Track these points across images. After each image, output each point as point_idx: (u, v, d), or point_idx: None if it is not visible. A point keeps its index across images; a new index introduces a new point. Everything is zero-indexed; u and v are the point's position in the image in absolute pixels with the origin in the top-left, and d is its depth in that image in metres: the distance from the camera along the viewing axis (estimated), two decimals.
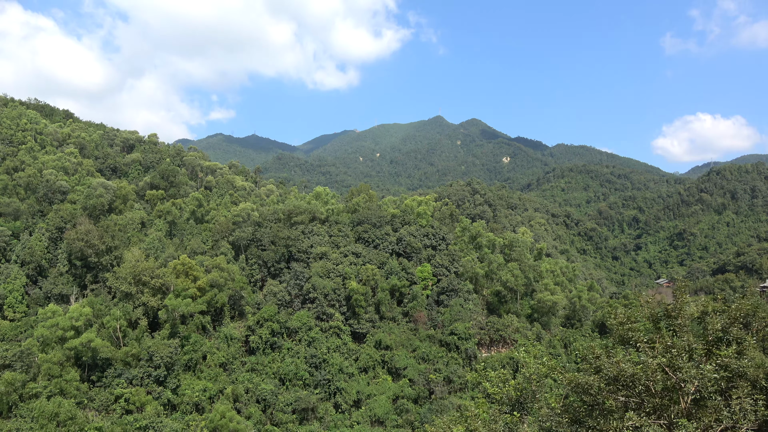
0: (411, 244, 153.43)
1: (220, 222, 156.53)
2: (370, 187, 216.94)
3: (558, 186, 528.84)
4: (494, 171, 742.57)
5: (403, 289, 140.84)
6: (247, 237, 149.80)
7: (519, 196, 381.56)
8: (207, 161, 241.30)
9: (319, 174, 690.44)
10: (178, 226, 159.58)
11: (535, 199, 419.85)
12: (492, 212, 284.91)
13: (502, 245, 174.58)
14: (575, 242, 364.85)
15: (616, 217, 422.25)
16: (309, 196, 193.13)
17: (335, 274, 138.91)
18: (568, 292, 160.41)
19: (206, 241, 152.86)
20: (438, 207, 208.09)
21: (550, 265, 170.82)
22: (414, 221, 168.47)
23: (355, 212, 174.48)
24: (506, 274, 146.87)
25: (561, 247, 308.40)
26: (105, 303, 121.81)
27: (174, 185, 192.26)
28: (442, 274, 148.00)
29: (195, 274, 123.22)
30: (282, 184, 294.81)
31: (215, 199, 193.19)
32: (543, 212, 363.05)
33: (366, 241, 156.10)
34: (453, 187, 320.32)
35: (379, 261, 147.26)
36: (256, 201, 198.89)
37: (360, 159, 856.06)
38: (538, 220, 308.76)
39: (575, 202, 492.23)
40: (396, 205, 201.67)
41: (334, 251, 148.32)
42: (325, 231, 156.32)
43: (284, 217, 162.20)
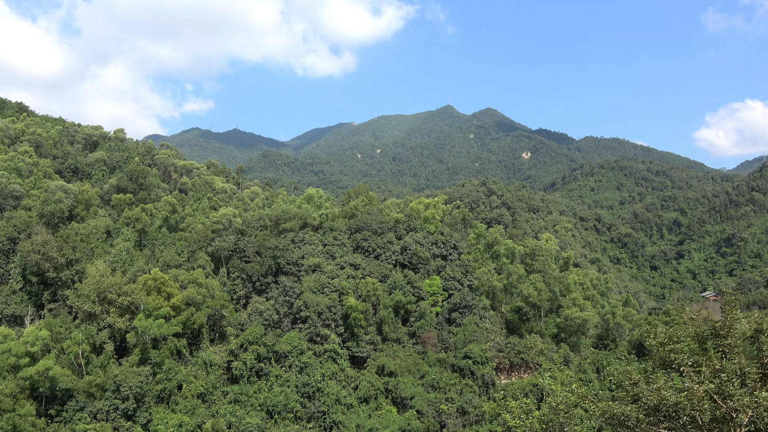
0: (417, 253, 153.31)
1: (197, 230, 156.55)
2: (370, 188, 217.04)
3: (587, 185, 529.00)
4: (513, 168, 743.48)
5: (408, 306, 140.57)
6: (228, 247, 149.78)
7: (542, 197, 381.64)
8: (182, 160, 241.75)
9: (311, 173, 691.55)
10: (148, 236, 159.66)
11: (561, 200, 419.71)
12: (511, 216, 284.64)
13: (522, 254, 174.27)
14: (607, 250, 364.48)
15: (655, 221, 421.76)
16: (299, 200, 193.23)
17: (330, 289, 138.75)
18: (599, 308, 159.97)
19: (181, 253, 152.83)
20: (448, 210, 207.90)
21: (579, 276, 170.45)
22: (421, 227, 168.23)
23: (352, 217, 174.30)
24: (528, 288, 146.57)
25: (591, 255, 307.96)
26: (65, 325, 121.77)
27: (144, 188, 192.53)
28: (454, 288, 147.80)
29: (168, 291, 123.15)
30: (268, 186, 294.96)
31: (191, 203, 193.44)
32: (570, 215, 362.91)
33: (366, 250, 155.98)
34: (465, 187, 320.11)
35: (380, 274, 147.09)
36: (239, 205, 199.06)
37: (358, 156, 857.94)
38: (564, 225, 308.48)
39: (607, 204, 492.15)
40: (400, 208, 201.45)
41: (328, 263, 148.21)
42: (318, 239, 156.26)
43: (271, 224, 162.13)
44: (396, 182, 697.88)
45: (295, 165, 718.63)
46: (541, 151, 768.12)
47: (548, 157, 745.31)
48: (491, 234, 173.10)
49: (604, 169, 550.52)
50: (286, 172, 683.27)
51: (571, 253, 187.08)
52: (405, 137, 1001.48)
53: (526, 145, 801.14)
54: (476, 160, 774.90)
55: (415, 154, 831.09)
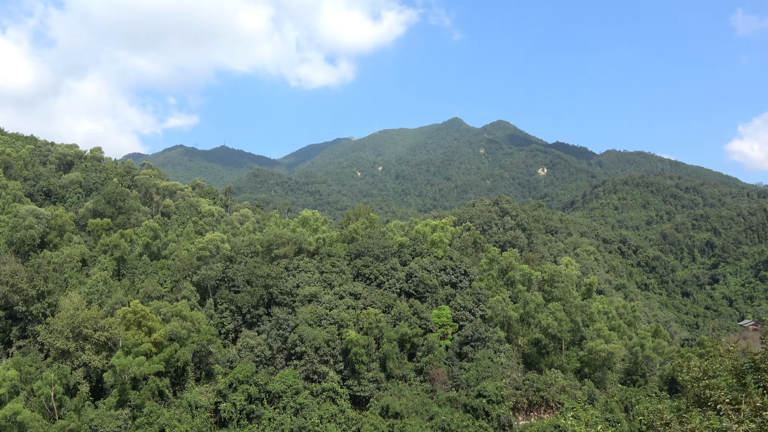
0: (424, 281, 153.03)
1: (181, 257, 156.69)
2: (371, 210, 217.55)
3: (610, 203, 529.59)
4: (528, 186, 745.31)
5: (415, 340, 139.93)
6: (215, 276, 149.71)
7: (560, 216, 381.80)
8: (164, 181, 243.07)
9: (306, 194, 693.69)
10: (128, 264, 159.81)
11: (581, 220, 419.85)
12: (527, 238, 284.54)
13: (540, 280, 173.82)
14: (634, 275, 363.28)
15: (685, 242, 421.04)
16: (294, 223, 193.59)
17: (329, 321, 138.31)
18: (627, 340, 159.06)
19: (164, 283, 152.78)
20: (458, 233, 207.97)
21: (603, 304, 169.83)
22: (427, 252, 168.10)
23: (352, 242, 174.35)
24: (547, 318, 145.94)
25: (616, 281, 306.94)
26: (35, 364, 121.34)
27: (123, 212, 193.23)
28: (465, 318, 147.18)
29: (150, 325, 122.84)
30: (259, 208, 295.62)
31: (175, 228, 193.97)
32: (592, 237, 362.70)
33: (367, 278, 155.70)
34: (476, 207, 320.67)
35: (384, 303, 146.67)
36: (227, 230, 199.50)
37: (357, 174, 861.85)
38: (585, 248, 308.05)
39: (632, 224, 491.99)
40: (404, 231, 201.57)
41: (326, 292, 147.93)
42: (314, 266, 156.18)
43: (263, 250, 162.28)
44: (400, 202, 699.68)
45: (288, 185, 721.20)
46: (558, 166, 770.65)
47: (566, 173, 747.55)
48: (505, 258, 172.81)
49: (629, 185, 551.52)
50: (279, 193, 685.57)
51: (594, 279, 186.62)
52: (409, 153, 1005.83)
53: (542, 160, 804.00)
54: (487, 178, 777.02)
55: (420, 172, 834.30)
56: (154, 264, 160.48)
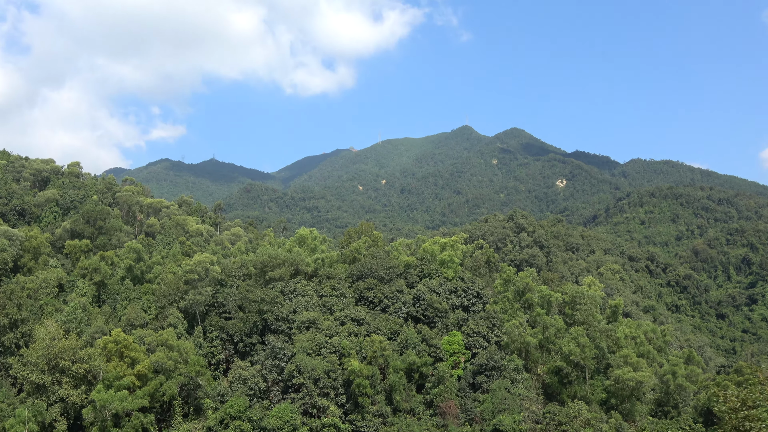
0: (433, 304, 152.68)
1: (167, 281, 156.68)
2: (374, 227, 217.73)
3: (635, 217, 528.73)
4: (545, 199, 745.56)
5: (424, 369, 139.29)
6: (204, 301, 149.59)
7: (581, 232, 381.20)
8: (148, 197, 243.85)
9: (303, 210, 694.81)
10: (109, 289, 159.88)
11: (605, 236, 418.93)
12: (545, 256, 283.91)
13: (560, 303, 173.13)
14: (664, 295, 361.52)
15: (719, 259, 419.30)
16: (290, 242, 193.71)
17: (329, 349, 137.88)
18: (657, 367, 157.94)
19: (148, 309, 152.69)
20: (469, 252, 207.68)
21: (631, 328, 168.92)
22: (436, 272, 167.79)
23: (354, 262, 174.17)
24: (569, 344, 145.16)
25: (644, 303, 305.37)
26: (8, 400, 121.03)
27: (104, 232, 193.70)
28: (479, 345, 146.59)
29: (133, 356, 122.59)
30: (252, 226, 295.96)
31: (160, 249, 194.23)
32: (616, 254, 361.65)
33: (370, 302, 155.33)
34: (489, 223, 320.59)
35: (389, 330, 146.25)
36: (217, 250, 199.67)
37: (359, 188, 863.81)
38: (609, 266, 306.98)
39: (661, 239, 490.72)
40: (411, 250, 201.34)
41: (326, 318, 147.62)
42: (313, 290, 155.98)
43: (256, 272, 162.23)
44: (405, 219, 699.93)
45: (283, 201, 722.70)
46: (578, 177, 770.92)
47: (588, 185, 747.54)
48: (522, 279, 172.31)
49: (656, 197, 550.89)
50: (274, 210, 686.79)
51: (620, 301, 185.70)
52: (415, 165, 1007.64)
53: (561, 170, 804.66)
54: (501, 191, 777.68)
55: (427, 185, 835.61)
56: (137, 289, 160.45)
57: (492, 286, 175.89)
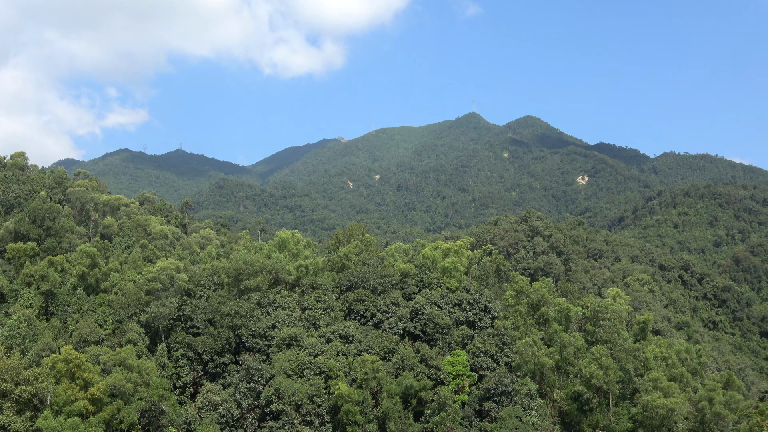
0: (434, 319, 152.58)
1: (126, 291, 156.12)
2: (366, 229, 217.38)
3: (668, 220, 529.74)
4: (564, 198, 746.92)
5: (422, 394, 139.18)
6: (169, 314, 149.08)
7: (605, 237, 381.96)
8: (105, 194, 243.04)
9: (284, 210, 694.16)
10: (59, 300, 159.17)
11: (632, 241, 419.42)
12: (563, 264, 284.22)
13: (581, 318, 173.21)
14: (699, 310, 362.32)
15: (764, 268, 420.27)
16: (268, 246, 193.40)
17: (313, 371, 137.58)
18: (691, 392, 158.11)
19: (104, 323, 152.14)
20: (476, 258, 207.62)
21: (661, 348, 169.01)
22: (438, 282, 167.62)
23: (342, 270, 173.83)
24: (590, 366, 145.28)
25: (677, 318, 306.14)
26: None
27: (53, 233, 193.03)
28: (486, 367, 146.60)
29: (86, 377, 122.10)
30: (225, 228, 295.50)
31: (118, 254, 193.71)
32: (645, 262, 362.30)
33: (362, 316, 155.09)
34: (499, 225, 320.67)
35: (383, 348, 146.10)
36: (184, 255, 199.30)
37: (349, 185, 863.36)
38: (637, 276, 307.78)
39: (696, 246, 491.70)
40: (408, 256, 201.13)
41: (310, 334, 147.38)
42: (294, 301, 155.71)
43: (229, 281, 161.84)
44: (402, 220, 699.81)
45: (261, 198, 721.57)
46: (602, 173, 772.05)
47: (613, 182, 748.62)
48: (536, 290, 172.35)
49: (691, 197, 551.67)
50: (250, 209, 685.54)
51: (649, 316, 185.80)
52: (414, 158, 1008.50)
53: (582, 165, 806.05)
54: (513, 188, 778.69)
55: (427, 181, 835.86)
56: (91, 299, 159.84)
57: (502, 299, 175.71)
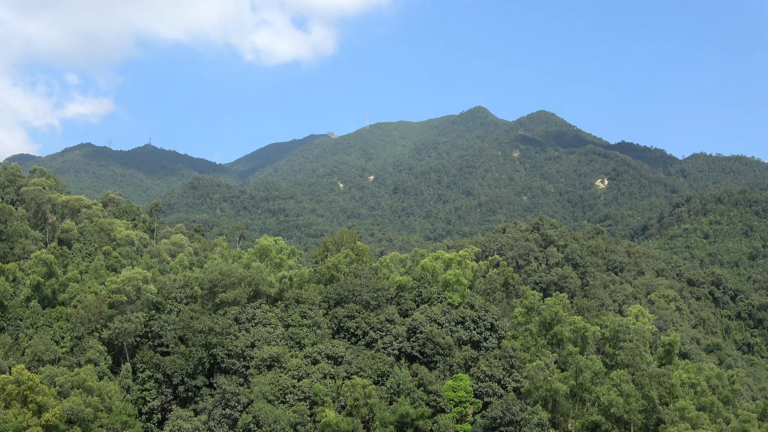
0: (434, 338, 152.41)
1: (86, 304, 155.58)
2: (359, 236, 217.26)
3: (697, 229, 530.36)
4: (581, 204, 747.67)
5: (420, 423, 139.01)
6: (135, 331, 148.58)
7: (627, 248, 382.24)
8: (64, 194, 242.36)
9: (266, 214, 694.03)
10: (9, 313, 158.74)
11: (657, 253, 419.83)
12: (579, 278, 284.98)
13: (599, 339, 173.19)
14: (732, 331, 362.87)
15: None
16: (248, 255, 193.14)
17: (296, 396, 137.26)
18: (722, 424, 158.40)
19: (61, 340, 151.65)
20: (482, 270, 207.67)
21: (689, 373, 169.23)
22: (438, 297, 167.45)
23: (331, 282, 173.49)
24: (609, 393, 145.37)
25: (707, 340, 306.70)
26: None
27: (4, 238, 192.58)
28: (492, 393, 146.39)
29: (40, 401, 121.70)
30: (199, 233, 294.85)
31: (78, 261, 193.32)
32: (672, 277, 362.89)
33: (352, 334, 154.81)
34: (508, 233, 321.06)
35: (376, 371, 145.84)
36: (153, 264, 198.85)
37: (340, 186, 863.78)
38: (663, 292, 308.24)
39: (729, 259, 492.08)
40: (406, 267, 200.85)
41: (293, 354, 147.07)
42: (277, 317, 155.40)
43: (203, 294, 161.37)
44: (399, 226, 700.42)
45: (240, 201, 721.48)
46: (624, 176, 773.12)
47: (636, 187, 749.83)
48: (549, 307, 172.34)
49: (724, 204, 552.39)
50: (227, 212, 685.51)
51: (676, 337, 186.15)
52: (412, 157, 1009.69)
53: (602, 167, 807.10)
54: (524, 191, 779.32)
55: (428, 183, 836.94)
56: (47, 313, 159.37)
57: (510, 316, 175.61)
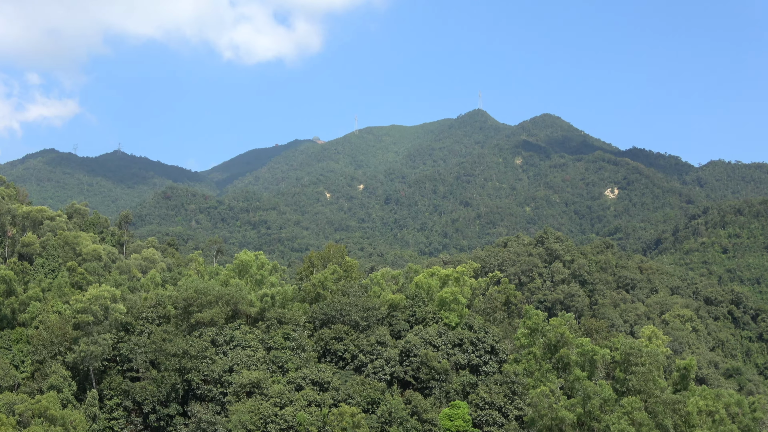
0: (429, 362, 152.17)
1: (49, 325, 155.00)
2: (347, 251, 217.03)
3: (716, 243, 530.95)
4: (589, 215, 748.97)
5: None
6: (102, 354, 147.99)
7: (639, 263, 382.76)
8: (25, 204, 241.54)
9: (246, 226, 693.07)
10: None
11: (672, 269, 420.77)
12: (588, 296, 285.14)
13: (609, 362, 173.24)
14: (753, 354, 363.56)
15: None
16: (226, 271, 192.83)
17: (279, 425, 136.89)
18: None
19: (21, 364, 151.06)
20: (481, 288, 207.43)
21: (707, 400, 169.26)
22: (434, 317, 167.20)
23: (317, 301, 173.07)
24: (619, 421, 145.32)
25: (726, 363, 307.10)
26: None
27: None
28: (493, 421, 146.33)
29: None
30: (172, 247, 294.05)
31: (40, 278, 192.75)
32: (688, 295, 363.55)
33: (340, 357, 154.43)
34: (510, 248, 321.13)
35: (365, 398, 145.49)
36: (122, 281, 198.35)
37: (327, 196, 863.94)
38: (678, 312, 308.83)
39: (751, 275, 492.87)
40: (398, 285, 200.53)
41: (276, 379, 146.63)
42: (257, 339, 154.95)
43: (177, 313, 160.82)
44: (391, 240, 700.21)
45: (218, 212, 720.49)
46: (636, 185, 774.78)
47: (649, 197, 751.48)
48: (555, 328, 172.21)
49: (744, 215, 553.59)
50: (204, 224, 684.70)
51: (692, 360, 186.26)
52: (406, 164, 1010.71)
53: (612, 175, 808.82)
54: (527, 202, 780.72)
55: (422, 192, 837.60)
56: (5, 334, 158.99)
57: (512, 338, 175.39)
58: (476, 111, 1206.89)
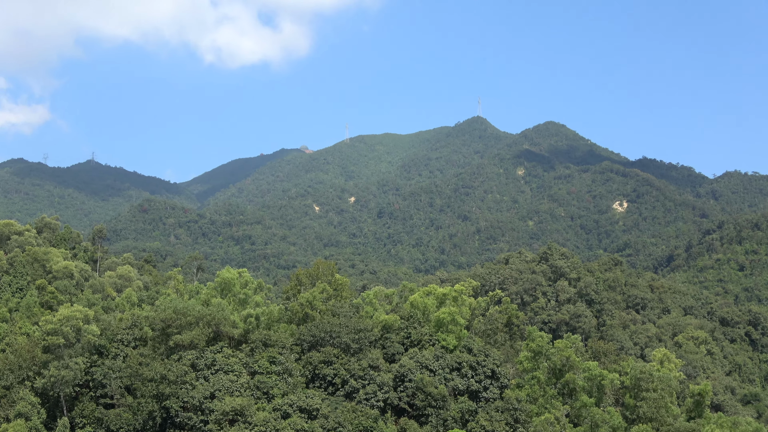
0: (425, 388, 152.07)
1: (16, 348, 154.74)
2: (337, 268, 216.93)
3: (732, 260, 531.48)
4: (597, 230, 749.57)
5: None
6: (73, 379, 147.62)
7: (650, 281, 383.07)
8: None
9: (230, 241, 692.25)
10: None
11: (685, 287, 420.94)
12: (595, 317, 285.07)
13: (618, 388, 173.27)
14: None
15: None
16: (207, 289, 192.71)
17: None
18: None
19: None
20: (481, 308, 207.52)
21: (723, 428, 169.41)
22: (430, 339, 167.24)
23: (305, 322, 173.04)
24: None
25: (743, 389, 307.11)
26: None
27: None
28: None
29: None
30: (150, 264, 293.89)
31: (7, 297, 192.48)
32: (702, 316, 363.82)
33: (329, 383, 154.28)
34: (511, 264, 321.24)
35: (357, 426, 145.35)
36: (96, 301, 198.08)
37: (315, 209, 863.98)
38: (692, 333, 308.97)
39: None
40: (392, 304, 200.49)
41: (260, 406, 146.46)
42: (241, 363, 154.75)
43: (155, 335, 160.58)
44: (384, 256, 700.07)
45: (198, 226, 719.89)
46: (646, 198, 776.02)
47: (660, 211, 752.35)
48: (560, 351, 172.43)
49: (762, 230, 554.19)
50: (183, 239, 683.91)
51: (707, 385, 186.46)
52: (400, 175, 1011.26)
53: (620, 188, 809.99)
54: (530, 215, 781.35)
55: (418, 206, 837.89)
56: None
57: (515, 362, 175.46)
58: (475, 118, 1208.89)
